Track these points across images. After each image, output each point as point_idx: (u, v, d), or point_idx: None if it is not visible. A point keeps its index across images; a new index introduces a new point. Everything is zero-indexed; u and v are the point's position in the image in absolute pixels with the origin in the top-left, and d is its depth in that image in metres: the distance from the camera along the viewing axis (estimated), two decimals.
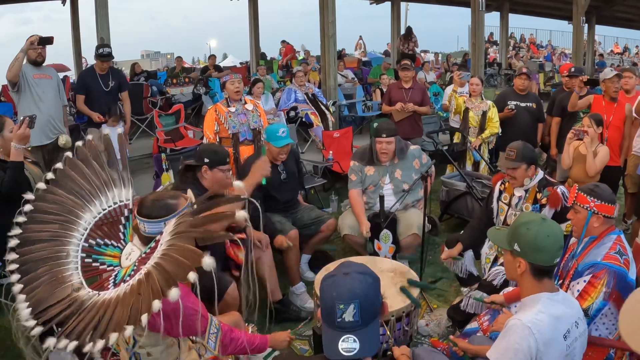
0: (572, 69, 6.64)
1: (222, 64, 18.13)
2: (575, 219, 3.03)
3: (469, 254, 4.19)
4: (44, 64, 5.73)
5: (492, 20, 19.86)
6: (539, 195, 3.83)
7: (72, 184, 2.46)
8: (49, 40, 5.60)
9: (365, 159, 4.82)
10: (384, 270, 3.72)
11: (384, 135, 4.66)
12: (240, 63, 19.92)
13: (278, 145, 4.51)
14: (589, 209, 2.93)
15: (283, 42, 17.46)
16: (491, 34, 24.76)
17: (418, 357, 2.70)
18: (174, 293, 1.70)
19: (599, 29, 21.97)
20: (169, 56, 35.03)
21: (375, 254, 4.46)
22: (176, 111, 9.51)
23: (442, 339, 3.66)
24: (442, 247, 4.32)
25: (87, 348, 1.74)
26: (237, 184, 2.23)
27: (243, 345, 2.47)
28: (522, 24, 28.75)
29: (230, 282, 3.53)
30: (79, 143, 2.64)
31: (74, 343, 1.78)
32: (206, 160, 3.81)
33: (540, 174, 3.91)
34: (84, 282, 2.09)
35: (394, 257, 4.49)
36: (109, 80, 6.41)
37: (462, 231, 4.45)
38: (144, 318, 1.71)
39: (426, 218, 4.49)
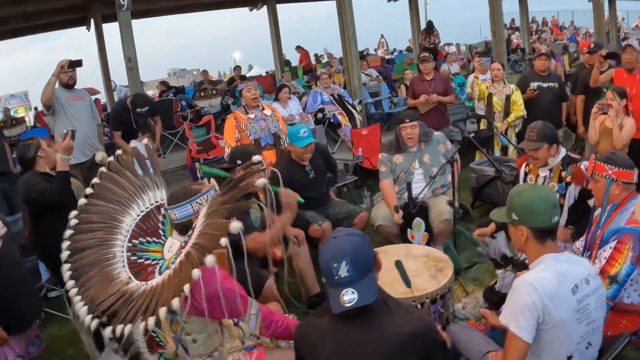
0: (592, 45, 6.63)
1: (248, 75, 18.33)
2: (596, 189, 3.08)
3: (502, 235, 4.22)
4: (75, 87, 5.96)
5: (512, 6, 19.67)
6: (563, 174, 3.83)
7: (110, 194, 2.70)
8: (78, 63, 5.82)
9: (392, 149, 4.93)
10: (417, 256, 3.81)
11: (407, 120, 4.80)
12: (267, 72, 20.12)
13: (301, 145, 4.63)
14: (607, 177, 2.98)
15: (298, 47, 17.54)
16: (512, 20, 24.43)
17: (452, 333, 2.79)
18: (209, 259, 1.87)
19: (621, 4, 21.45)
20: (195, 72, 35.41)
21: (408, 242, 4.54)
22: (206, 122, 9.72)
23: (479, 321, 3.71)
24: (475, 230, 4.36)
25: (141, 327, 1.91)
26: (256, 157, 2.40)
27: (283, 327, 2.57)
28: (542, 7, 28.21)
29: (267, 276, 3.66)
30: (111, 158, 2.88)
31: (129, 326, 1.95)
32: (239, 161, 3.98)
33: (563, 151, 3.91)
34: (132, 277, 2.28)
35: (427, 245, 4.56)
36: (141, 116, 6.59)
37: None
38: (187, 287, 1.88)
39: (457, 203, 4.56)
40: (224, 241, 1.90)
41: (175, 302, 1.88)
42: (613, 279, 2.84)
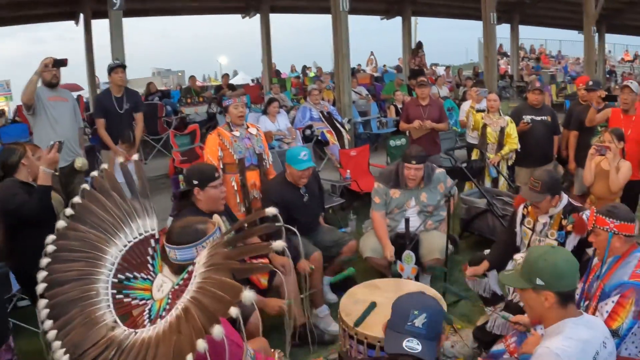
0: (590, 83, 6.58)
1: (232, 81, 18.12)
2: (597, 242, 3.03)
3: (494, 273, 4.14)
4: (58, 86, 5.70)
5: (502, 31, 19.92)
6: (564, 222, 3.75)
7: (93, 218, 2.40)
8: (63, 62, 5.56)
9: (390, 182, 4.81)
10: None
11: (414, 162, 4.67)
12: (252, 80, 19.96)
13: (299, 168, 4.47)
14: (609, 230, 2.93)
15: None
16: (501, 45, 24.68)
17: None
18: (217, 331, 1.66)
19: (609, 37, 21.99)
20: (179, 74, 35.11)
21: (398, 276, 4.43)
22: (192, 131, 9.53)
23: None
24: (465, 266, 4.27)
25: None
26: (271, 210, 2.20)
27: None
28: (531, 34, 28.67)
29: (252, 310, 3.49)
30: (95, 173, 2.61)
31: None
32: (195, 182, 3.73)
33: (565, 199, 3.82)
34: (118, 321, 2.04)
35: (416, 279, 4.46)
36: (124, 103, 6.28)
37: (484, 249, 4.39)
38: (189, 358, 1.67)
39: (449, 240, 4.48)
40: (234, 312, 1.69)
41: None
42: (614, 333, 2.77)
